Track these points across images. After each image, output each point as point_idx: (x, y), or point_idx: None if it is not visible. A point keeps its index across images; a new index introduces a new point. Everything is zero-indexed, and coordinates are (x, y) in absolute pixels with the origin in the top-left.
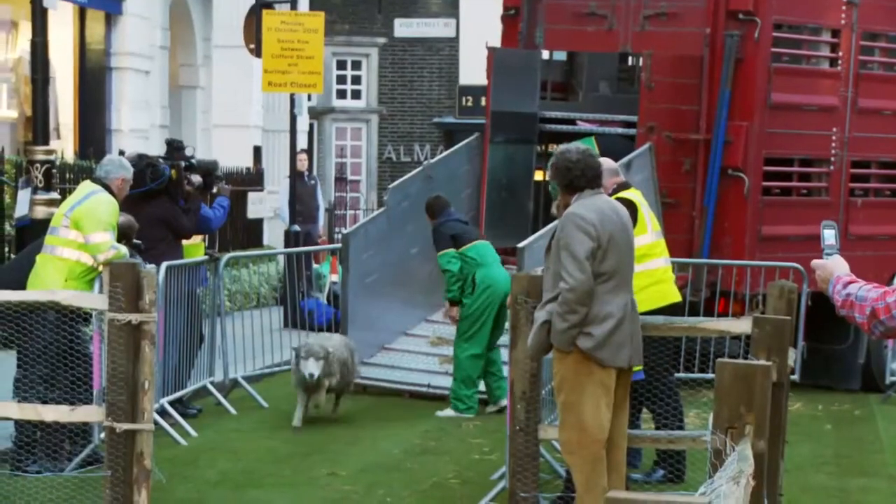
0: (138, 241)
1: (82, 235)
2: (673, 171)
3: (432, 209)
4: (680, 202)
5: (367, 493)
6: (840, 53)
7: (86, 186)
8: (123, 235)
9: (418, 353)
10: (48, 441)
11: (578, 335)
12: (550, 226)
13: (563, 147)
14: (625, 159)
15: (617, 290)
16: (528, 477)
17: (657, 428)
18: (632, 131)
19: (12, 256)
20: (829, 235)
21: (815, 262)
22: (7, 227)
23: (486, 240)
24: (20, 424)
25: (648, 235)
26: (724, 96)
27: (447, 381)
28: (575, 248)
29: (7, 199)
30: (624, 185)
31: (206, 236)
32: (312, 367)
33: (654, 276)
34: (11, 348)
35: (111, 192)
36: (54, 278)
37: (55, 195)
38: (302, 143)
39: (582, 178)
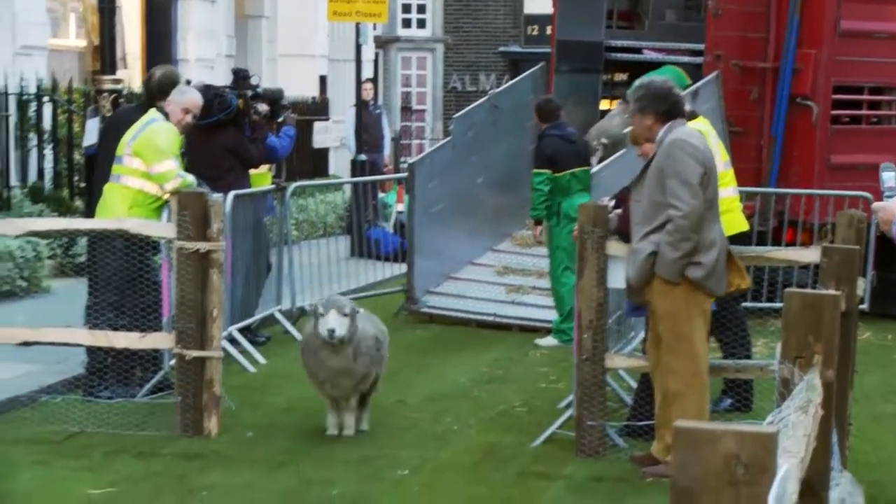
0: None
1: (146, 166)
2: (740, 100)
3: (541, 112)
4: (748, 131)
5: (435, 420)
6: None
7: (147, 115)
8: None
9: (484, 282)
10: (119, 367)
11: (687, 265)
12: (616, 155)
13: (647, 77)
14: (691, 88)
15: (715, 217)
16: (594, 405)
17: (725, 357)
18: (698, 60)
19: (82, 185)
20: (889, 178)
21: (875, 204)
22: (76, 155)
23: (586, 165)
24: (92, 351)
25: (717, 165)
26: (793, 23)
27: (514, 311)
28: (687, 174)
29: (76, 128)
30: (691, 115)
31: (273, 165)
32: (334, 322)
33: (723, 205)
34: (83, 276)
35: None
36: (119, 207)
37: (98, 122)
38: (367, 72)
39: (677, 105)
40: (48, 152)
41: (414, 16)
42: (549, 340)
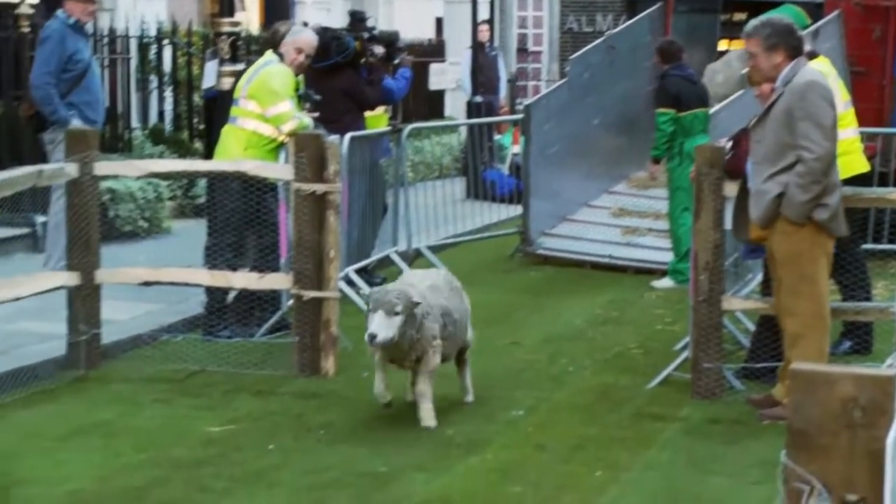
0: (316, 98)
1: (261, 108)
2: (862, 39)
3: (663, 54)
4: (869, 71)
5: (550, 362)
6: None
7: (262, 58)
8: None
9: (600, 224)
10: (238, 307)
11: (814, 207)
12: (734, 96)
13: (764, 16)
14: (812, 27)
15: (835, 159)
16: (711, 347)
17: (844, 299)
18: None
19: (202, 127)
20: None
21: None
22: (196, 97)
23: (705, 106)
24: (211, 291)
25: (838, 105)
26: None
27: (629, 253)
28: (821, 116)
29: (195, 70)
30: (811, 55)
31: (389, 107)
32: (378, 326)
33: (843, 146)
34: (203, 217)
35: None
36: (235, 148)
37: (241, 66)
38: (483, 13)
39: (802, 42)
40: (168, 94)
41: None
42: (665, 282)
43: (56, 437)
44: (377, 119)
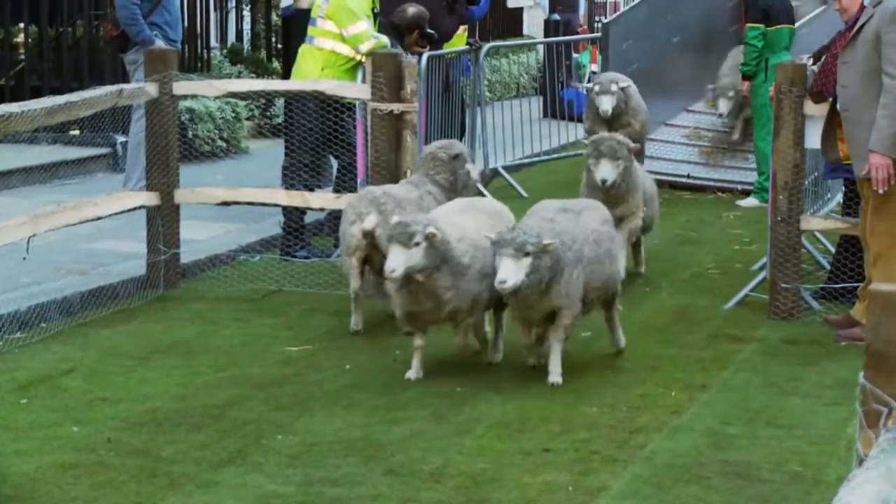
0: (431, 32)
1: (338, 28)
2: None
3: None
4: None
5: (626, 282)
6: None
7: None
8: (416, 26)
9: (678, 143)
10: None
11: None
12: (816, 12)
13: None
14: None
15: None
16: (789, 268)
17: None
18: None
19: (279, 46)
20: None
21: None
22: (274, 17)
23: (791, 22)
24: (288, 211)
25: None
26: None
27: (707, 173)
28: None
29: None
30: None
31: (467, 27)
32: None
33: None
34: (280, 137)
35: None
36: (312, 68)
37: None
38: None
39: None
40: (246, 14)
41: None
42: (751, 201)
43: (136, 356)
44: (456, 38)
